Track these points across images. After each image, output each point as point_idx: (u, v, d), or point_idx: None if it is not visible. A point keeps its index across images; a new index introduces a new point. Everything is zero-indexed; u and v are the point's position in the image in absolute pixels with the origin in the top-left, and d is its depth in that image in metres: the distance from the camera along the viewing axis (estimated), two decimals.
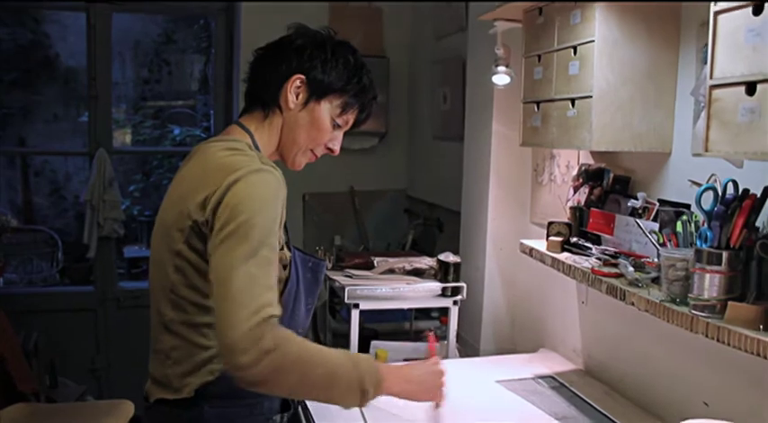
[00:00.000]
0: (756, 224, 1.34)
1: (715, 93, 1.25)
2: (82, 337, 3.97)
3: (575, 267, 1.81)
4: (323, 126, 1.46)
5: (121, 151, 5.21)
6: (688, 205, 1.62)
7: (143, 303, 1.44)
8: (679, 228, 1.52)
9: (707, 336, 1.32)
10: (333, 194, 3.96)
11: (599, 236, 1.92)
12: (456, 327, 2.39)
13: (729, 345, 1.27)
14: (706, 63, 1.28)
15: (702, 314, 1.34)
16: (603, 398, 1.93)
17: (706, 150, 1.27)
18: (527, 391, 1.99)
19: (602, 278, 1.68)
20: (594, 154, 2.10)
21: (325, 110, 1.45)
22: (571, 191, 2.10)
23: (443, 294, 2.39)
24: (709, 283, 1.33)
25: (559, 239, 1.99)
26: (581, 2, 1.75)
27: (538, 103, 1.99)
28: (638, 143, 1.77)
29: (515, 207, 2.57)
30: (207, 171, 1.32)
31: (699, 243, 1.39)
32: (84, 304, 4.03)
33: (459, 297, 2.38)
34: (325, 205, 3.95)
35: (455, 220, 2.94)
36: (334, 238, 3.77)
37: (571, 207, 2.05)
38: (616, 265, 1.70)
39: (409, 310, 2.79)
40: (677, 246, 1.52)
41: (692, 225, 1.49)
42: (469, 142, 2.74)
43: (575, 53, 1.79)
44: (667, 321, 1.43)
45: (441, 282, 2.40)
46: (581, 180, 2.06)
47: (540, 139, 2.00)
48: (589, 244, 1.90)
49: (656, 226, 1.65)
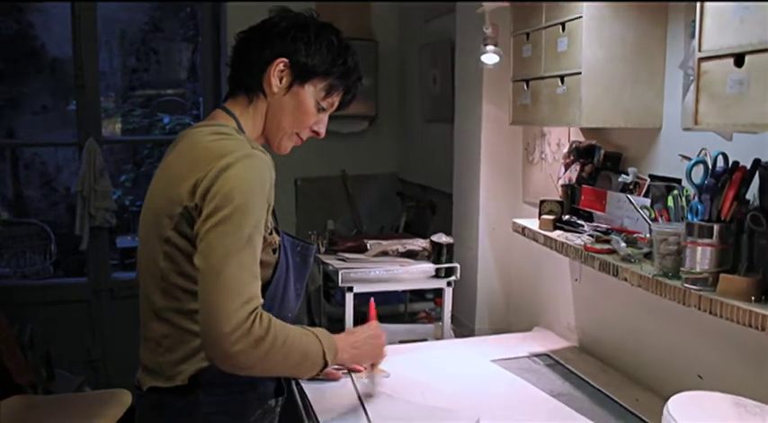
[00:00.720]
0: (747, 196, 1.34)
1: (704, 65, 1.25)
2: (77, 329, 3.96)
3: (567, 245, 1.82)
4: (307, 109, 1.45)
5: (111, 141, 5.19)
6: (679, 180, 1.62)
7: (137, 293, 1.45)
8: (670, 202, 1.53)
9: (699, 308, 1.33)
10: (325, 179, 3.94)
11: (591, 213, 1.92)
12: (450, 308, 2.39)
13: (722, 317, 1.28)
14: (694, 37, 1.27)
15: (695, 287, 1.35)
16: (598, 374, 1.94)
17: (696, 123, 1.27)
18: (522, 369, 2.00)
19: (594, 255, 1.68)
20: (585, 131, 2.09)
21: (310, 93, 1.44)
22: (562, 169, 2.10)
23: (437, 275, 2.39)
24: (701, 257, 1.34)
25: (551, 217, 2.00)
26: None
27: (527, 82, 1.98)
28: (628, 119, 1.76)
29: (507, 187, 2.56)
30: (195, 156, 1.31)
31: (690, 217, 1.39)
32: (79, 296, 4.03)
33: (452, 278, 2.38)
34: (318, 190, 3.94)
35: (447, 202, 2.93)
36: (327, 223, 3.76)
37: (562, 185, 2.05)
38: (608, 241, 1.70)
39: (404, 293, 2.80)
40: (669, 220, 1.52)
41: (683, 199, 1.49)
42: (460, 123, 2.73)
43: (563, 30, 1.78)
44: (660, 295, 1.44)
45: (434, 263, 2.41)
46: (572, 157, 2.06)
47: (530, 117, 1.99)
48: (581, 221, 1.91)
49: (648, 201, 1.65)
